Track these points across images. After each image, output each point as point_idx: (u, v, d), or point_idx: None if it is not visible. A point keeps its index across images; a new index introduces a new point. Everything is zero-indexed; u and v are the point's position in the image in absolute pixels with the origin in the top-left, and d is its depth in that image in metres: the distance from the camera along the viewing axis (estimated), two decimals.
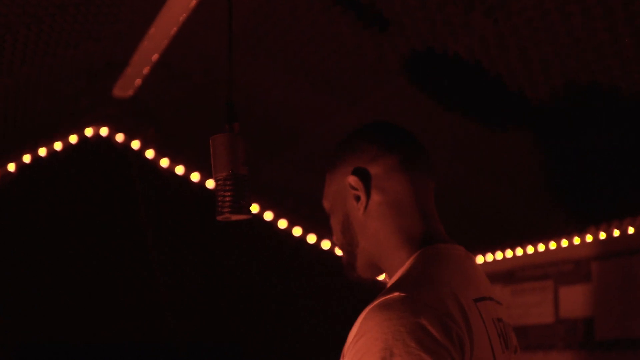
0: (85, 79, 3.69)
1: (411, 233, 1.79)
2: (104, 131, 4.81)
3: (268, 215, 4.96)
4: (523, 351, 4.06)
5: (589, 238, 3.67)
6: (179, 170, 4.90)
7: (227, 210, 2.22)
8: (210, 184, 4.92)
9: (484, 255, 4.32)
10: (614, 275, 3.62)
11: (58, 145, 4.74)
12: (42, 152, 4.72)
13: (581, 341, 3.72)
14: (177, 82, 3.89)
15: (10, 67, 2.99)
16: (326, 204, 1.95)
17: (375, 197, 1.82)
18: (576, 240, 3.74)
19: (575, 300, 3.74)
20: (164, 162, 4.89)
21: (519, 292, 4.10)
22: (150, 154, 4.88)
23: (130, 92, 4.24)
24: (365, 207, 1.82)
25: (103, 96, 4.16)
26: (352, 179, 1.83)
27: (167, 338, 4.74)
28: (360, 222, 1.84)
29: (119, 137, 4.85)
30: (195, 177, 4.90)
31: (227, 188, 2.21)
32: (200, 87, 3.85)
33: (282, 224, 4.99)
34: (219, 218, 2.22)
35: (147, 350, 4.79)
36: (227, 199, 2.23)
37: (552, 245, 3.88)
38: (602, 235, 3.62)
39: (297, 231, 5.01)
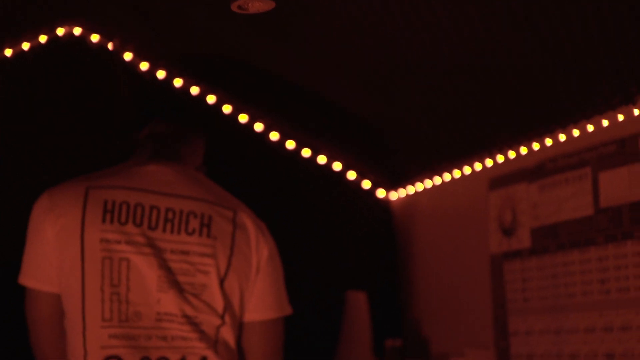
0: None
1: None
2: (77, 31, 4.34)
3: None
4: (554, 253, 3.62)
5: (636, 111, 3.23)
6: (160, 74, 4.43)
7: None
8: (195, 90, 4.46)
9: (504, 154, 3.88)
10: None
11: (25, 46, 4.27)
12: (8, 52, 4.24)
13: (627, 231, 3.28)
14: None
15: None
16: None
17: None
18: (620, 117, 3.30)
19: (619, 184, 3.30)
20: (144, 66, 4.41)
21: (548, 187, 3.65)
22: (128, 56, 4.40)
23: None
24: None
25: None
26: None
27: None
28: None
29: (94, 38, 4.37)
30: (178, 82, 4.43)
31: None
32: None
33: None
34: (235, 7, 1.82)
35: None
36: None
37: (590, 127, 3.45)
38: None
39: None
